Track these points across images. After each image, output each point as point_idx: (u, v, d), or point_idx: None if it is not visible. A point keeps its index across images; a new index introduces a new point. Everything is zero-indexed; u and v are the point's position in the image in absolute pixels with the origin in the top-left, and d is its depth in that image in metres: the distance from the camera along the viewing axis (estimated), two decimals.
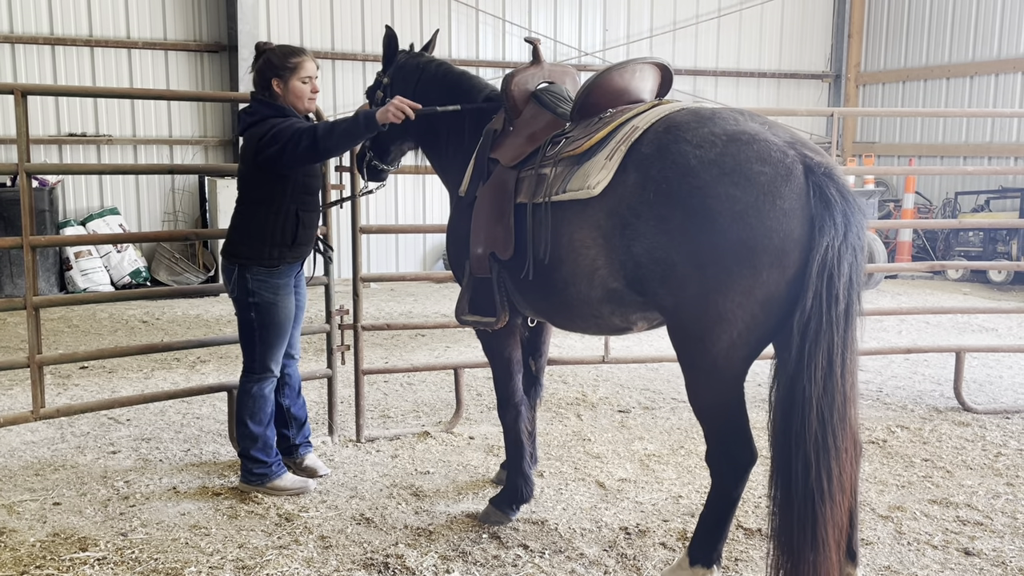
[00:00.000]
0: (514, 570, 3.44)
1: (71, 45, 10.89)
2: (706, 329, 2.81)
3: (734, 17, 14.01)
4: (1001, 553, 3.62)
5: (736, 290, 2.72)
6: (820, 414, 2.64)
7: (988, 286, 11.37)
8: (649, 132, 3.00)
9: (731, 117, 2.89)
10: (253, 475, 4.17)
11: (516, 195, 3.40)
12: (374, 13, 12.22)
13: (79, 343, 7.81)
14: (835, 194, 2.69)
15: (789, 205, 2.68)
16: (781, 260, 2.68)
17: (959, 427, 5.36)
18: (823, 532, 2.64)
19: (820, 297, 2.64)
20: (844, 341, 2.66)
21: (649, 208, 2.86)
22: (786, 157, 2.73)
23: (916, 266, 6.48)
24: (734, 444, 2.94)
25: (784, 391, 2.70)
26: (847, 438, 2.68)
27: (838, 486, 2.65)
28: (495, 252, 3.45)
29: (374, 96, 4.20)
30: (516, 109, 3.65)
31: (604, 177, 3.03)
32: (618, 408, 5.78)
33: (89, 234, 10.44)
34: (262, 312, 4.06)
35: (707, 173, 2.74)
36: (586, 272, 3.11)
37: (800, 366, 2.65)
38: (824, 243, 2.64)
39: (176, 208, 11.59)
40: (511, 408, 3.89)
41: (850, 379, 2.68)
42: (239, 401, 4.18)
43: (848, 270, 2.66)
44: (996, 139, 12.44)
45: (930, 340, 7.95)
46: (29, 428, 5.14)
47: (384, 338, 7.90)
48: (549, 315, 3.51)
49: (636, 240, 2.90)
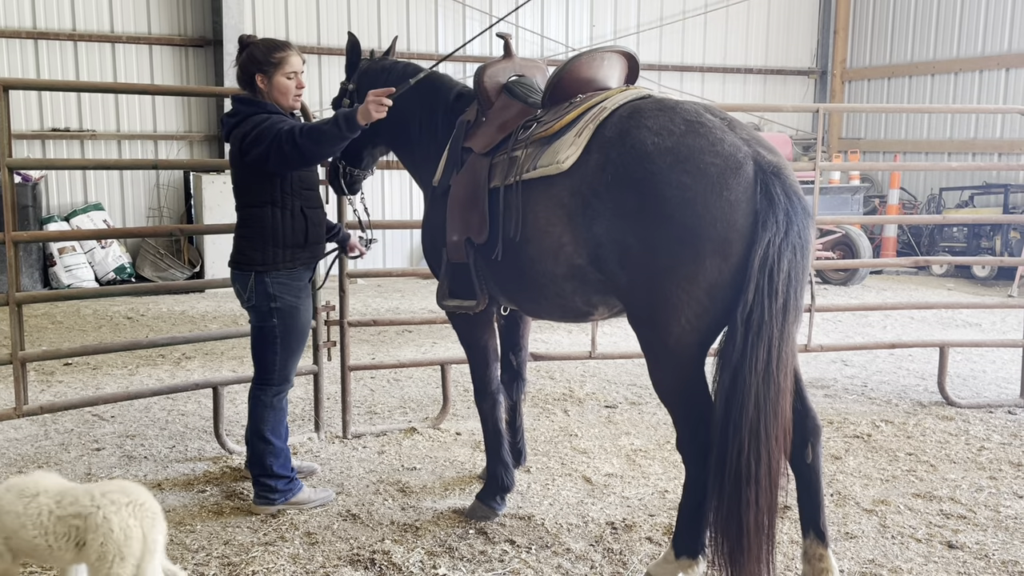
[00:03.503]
0: (501, 565, 3.45)
1: (54, 39, 10.79)
2: (656, 312, 2.92)
3: (721, 13, 14.03)
4: (984, 546, 3.65)
5: (681, 275, 2.82)
6: (757, 402, 2.75)
7: (972, 281, 11.45)
8: (614, 115, 3.11)
9: (693, 109, 3.00)
10: (277, 492, 3.92)
11: (490, 181, 3.47)
12: (360, 7, 12.16)
13: (63, 339, 7.75)
14: (780, 193, 2.78)
15: (735, 197, 2.78)
16: (723, 249, 2.78)
17: (943, 421, 5.39)
18: (747, 514, 2.76)
19: (761, 291, 2.73)
20: (782, 335, 2.75)
21: (607, 190, 2.97)
22: (738, 152, 2.84)
23: (901, 261, 6.51)
24: (701, 429, 2.97)
25: (728, 380, 2.79)
26: (779, 427, 2.79)
27: (765, 471, 2.76)
28: (470, 237, 3.50)
29: (340, 105, 4.13)
30: (488, 100, 3.73)
31: (573, 152, 3.12)
32: (605, 404, 5.79)
33: (73, 230, 10.36)
34: (284, 317, 3.84)
35: (662, 160, 2.85)
36: (552, 249, 3.19)
37: (743, 357, 2.75)
38: (766, 238, 2.75)
39: (161, 204, 11.52)
40: (488, 396, 3.93)
41: (784, 371, 2.78)
42: (257, 416, 3.91)
43: (788, 267, 2.75)
44: (980, 135, 12.52)
45: (914, 335, 8.00)
46: (12, 425, 5.11)
47: (371, 334, 7.88)
48: (517, 296, 3.55)
49: (596, 220, 3.02)
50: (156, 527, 2.79)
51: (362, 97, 3.91)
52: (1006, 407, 5.72)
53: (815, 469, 3.08)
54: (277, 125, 3.65)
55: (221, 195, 10.28)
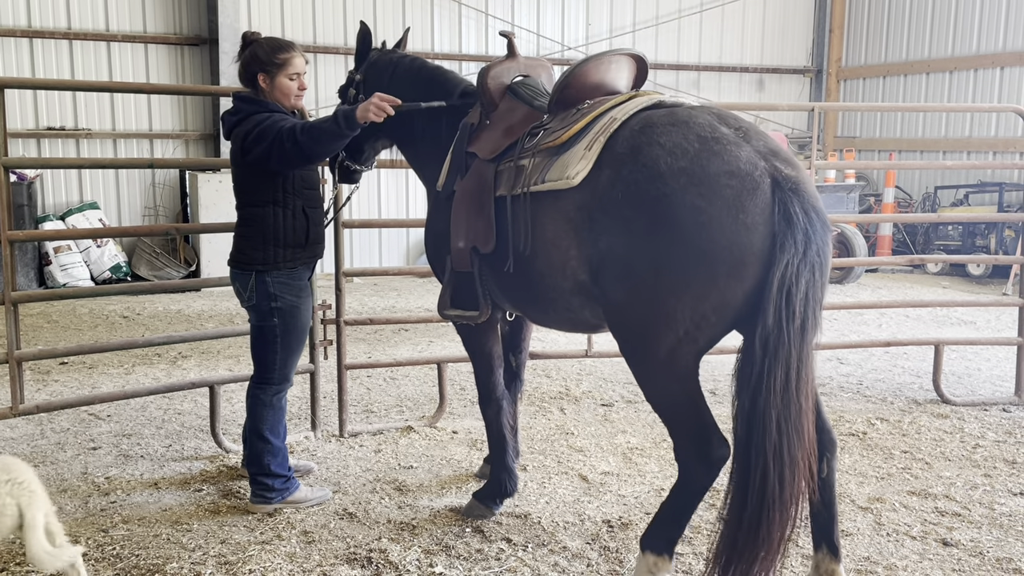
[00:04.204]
0: (497, 564, 3.45)
1: (49, 38, 10.76)
2: (651, 327, 2.86)
3: (716, 12, 14.04)
4: (979, 543, 3.66)
5: (690, 295, 2.76)
6: (779, 425, 2.68)
7: (967, 279, 11.47)
8: (625, 129, 3.01)
9: (707, 123, 2.88)
10: (274, 491, 3.93)
11: (496, 188, 3.40)
12: (356, 6, 12.14)
13: (59, 339, 7.74)
14: (798, 211, 2.70)
15: (752, 220, 2.70)
16: (739, 272, 2.72)
17: (938, 419, 5.41)
18: (772, 534, 2.71)
19: (779, 312, 2.67)
20: (800, 356, 2.69)
21: (616, 207, 2.89)
22: (755, 170, 2.74)
23: (896, 260, 6.53)
24: (701, 439, 2.92)
25: (748, 402, 2.73)
26: (803, 448, 2.73)
27: (790, 494, 2.72)
28: (476, 246, 3.45)
29: (347, 94, 4.12)
30: (492, 103, 3.64)
31: (583, 167, 3.04)
32: (601, 402, 5.80)
33: (68, 229, 10.34)
34: (285, 317, 3.85)
35: (675, 181, 2.76)
36: (560, 263, 3.13)
37: (761, 380, 2.69)
38: (784, 260, 2.67)
39: (157, 202, 11.49)
40: (493, 403, 3.90)
41: (805, 391, 2.72)
42: (256, 415, 3.92)
43: (805, 287, 2.68)
44: (975, 134, 12.54)
45: (910, 333, 8.02)
46: (8, 424, 5.10)
47: (367, 333, 7.88)
48: (526, 308, 3.51)
49: (602, 235, 2.95)
50: (34, 504, 2.81)
51: (369, 89, 3.93)
52: (1001, 405, 5.73)
53: (830, 483, 3.05)
54: (279, 124, 3.64)
55: (217, 194, 10.26)
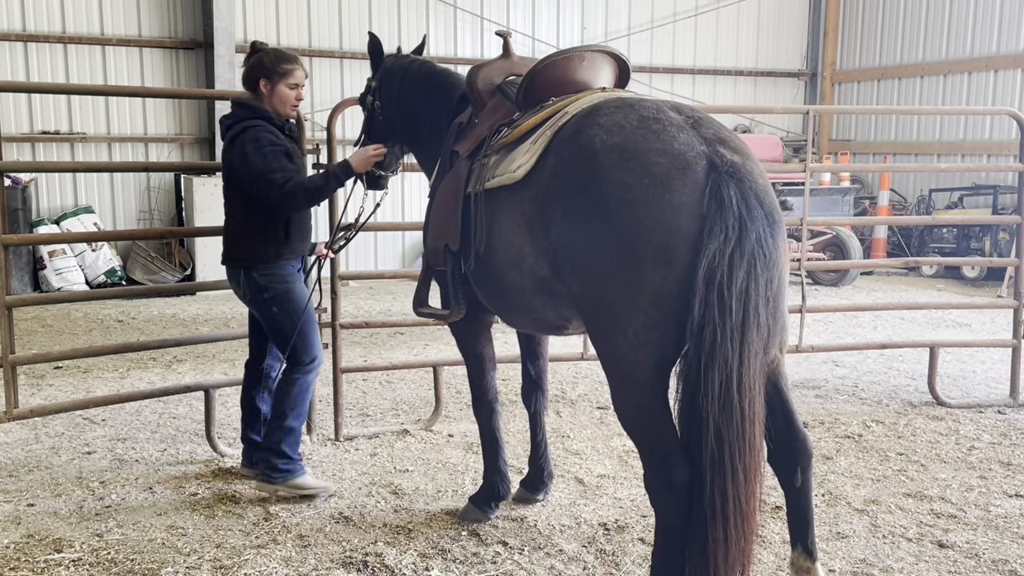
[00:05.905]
0: (493, 567, 3.45)
1: (44, 42, 10.75)
2: (602, 321, 2.68)
3: (711, 15, 14.08)
4: (974, 545, 3.67)
5: (623, 282, 2.56)
6: (718, 431, 2.45)
7: (962, 282, 11.50)
8: (574, 117, 2.90)
9: (655, 105, 2.75)
10: (279, 471, 4.05)
11: (466, 186, 3.38)
12: (351, 10, 12.15)
13: (53, 343, 7.72)
14: (732, 195, 2.49)
15: (679, 200, 2.50)
16: (665, 256, 2.50)
17: (933, 421, 5.42)
18: (716, 554, 2.49)
19: (710, 306, 2.44)
20: (740, 356, 2.44)
21: (559, 193, 2.77)
22: (690, 150, 2.56)
23: (891, 262, 6.54)
24: (662, 461, 2.63)
25: (685, 405, 2.55)
26: (750, 458, 2.48)
27: (733, 507, 2.47)
28: (448, 243, 3.42)
29: (365, 101, 4.21)
30: (480, 102, 3.65)
31: (526, 161, 2.97)
32: (597, 405, 5.79)
33: (63, 233, 10.32)
34: (281, 302, 4.04)
35: (607, 158, 2.63)
36: (515, 260, 3.03)
37: (698, 380, 2.47)
38: (712, 247, 2.45)
39: (152, 206, 11.48)
40: (485, 405, 3.89)
41: (748, 396, 2.47)
42: (283, 394, 4.08)
43: (743, 281, 2.44)
44: (969, 137, 12.59)
45: (905, 335, 8.03)
46: (2, 429, 5.08)
47: (363, 336, 7.87)
48: (494, 308, 3.47)
49: (551, 226, 2.81)
50: None
51: (383, 94, 4.09)
52: (996, 407, 5.74)
53: (805, 493, 2.90)
54: (273, 175, 3.85)
55: (212, 197, 10.25)
